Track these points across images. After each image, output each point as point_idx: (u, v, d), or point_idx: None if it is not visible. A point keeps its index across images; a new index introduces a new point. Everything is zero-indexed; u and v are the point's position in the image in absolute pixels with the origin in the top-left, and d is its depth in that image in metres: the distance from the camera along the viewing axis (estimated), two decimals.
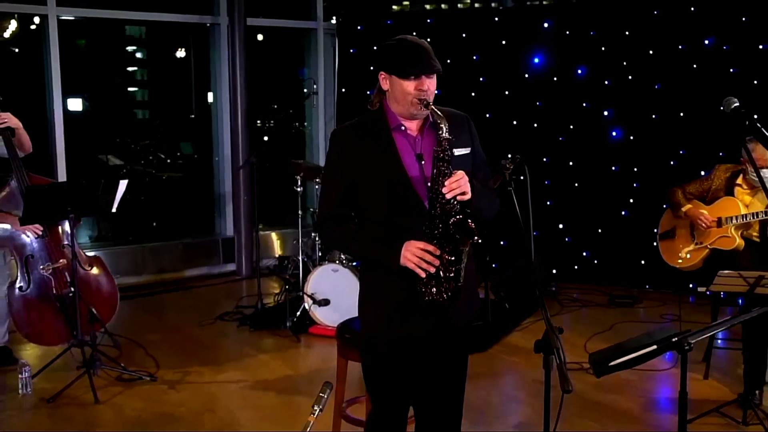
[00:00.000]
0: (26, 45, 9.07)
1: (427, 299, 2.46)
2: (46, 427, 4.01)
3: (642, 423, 4.01)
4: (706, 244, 4.42)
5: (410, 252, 2.40)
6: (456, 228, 2.35)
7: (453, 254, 2.39)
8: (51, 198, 4.41)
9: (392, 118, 2.54)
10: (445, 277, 2.42)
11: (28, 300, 4.70)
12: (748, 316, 2.40)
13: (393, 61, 2.48)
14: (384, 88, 2.54)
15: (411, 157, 2.51)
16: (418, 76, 2.43)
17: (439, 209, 2.41)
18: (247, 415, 4.11)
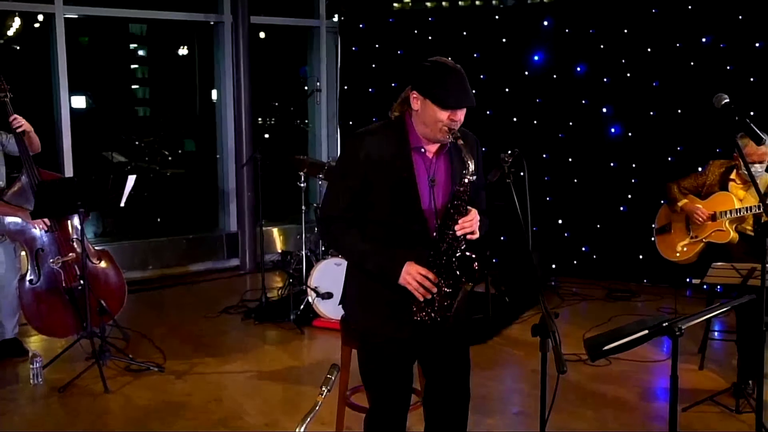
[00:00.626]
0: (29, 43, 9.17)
1: (416, 318, 2.56)
2: (58, 416, 4.11)
3: (638, 411, 4.11)
4: (702, 238, 4.52)
5: (411, 275, 2.49)
6: (459, 264, 2.46)
7: (451, 288, 2.50)
8: (61, 192, 4.52)
9: (413, 138, 2.58)
10: (439, 306, 2.53)
11: (38, 293, 4.81)
12: (735, 302, 2.50)
13: (432, 88, 2.49)
14: (414, 107, 2.56)
15: (425, 182, 2.58)
16: (455, 109, 2.48)
17: (446, 243, 2.51)
18: (253, 403, 4.22)
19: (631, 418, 4.03)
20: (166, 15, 7.49)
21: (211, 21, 7.54)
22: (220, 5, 7.42)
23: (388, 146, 2.57)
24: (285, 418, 3.95)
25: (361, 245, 2.60)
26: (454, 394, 2.79)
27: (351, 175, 2.60)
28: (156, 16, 7.54)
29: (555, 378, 2.36)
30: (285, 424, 3.89)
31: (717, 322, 5.39)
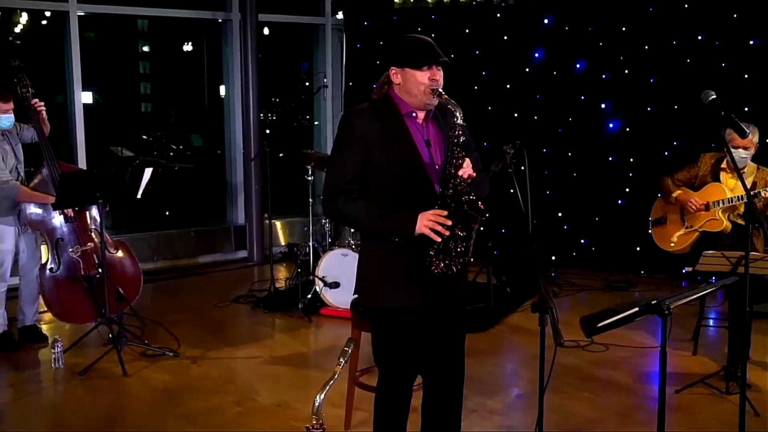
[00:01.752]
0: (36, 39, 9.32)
1: (435, 272, 2.70)
2: (80, 397, 4.31)
3: (633, 393, 4.30)
4: (696, 227, 4.70)
5: (426, 219, 2.61)
6: (469, 205, 2.60)
7: (464, 230, 2.66)
8: (82, 184, 4.72)
9: (402, 106, 2.78)
10: (456, 251, 2.68)
11: (58, 281, 5.00)
12: (720, 283, 2.70)
13: (406, 55, 2.72)
14: (396, 81, 2.76)
15: (422, 143, 2.77)
16: (431, 66, 2.70)
17: (451, 189, 2.67)
18: (265, 385, 4.42)
19: (626, 399, 4.23)
20: (176, 13, 7.68)
21: (220, 19, 7.73)
22: (228, 3, 7.60)
23: (382, 117, 2.75)
24: (295, 399, 4.15)
25: (369, 209, 2.71)
26: (450, 369, 2.96)
27: (352, 147, 2.74)
28: (166, 14, 7.72)
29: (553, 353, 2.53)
30: (295, 404, 4.09)
31: (711, 311, 5.57)
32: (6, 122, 4.76)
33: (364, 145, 2.72)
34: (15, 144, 4.91)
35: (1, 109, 4.71)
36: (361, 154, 2.72)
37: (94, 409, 4.14)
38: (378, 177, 2.75)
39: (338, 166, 2.79)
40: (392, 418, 2.98)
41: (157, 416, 4.02)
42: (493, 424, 3.88)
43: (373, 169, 2.74)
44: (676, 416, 4.05)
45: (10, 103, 4.73)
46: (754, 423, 3.84)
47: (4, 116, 4.73)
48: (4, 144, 4.83)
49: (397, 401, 2.97)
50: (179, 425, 3.91)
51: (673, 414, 4.09)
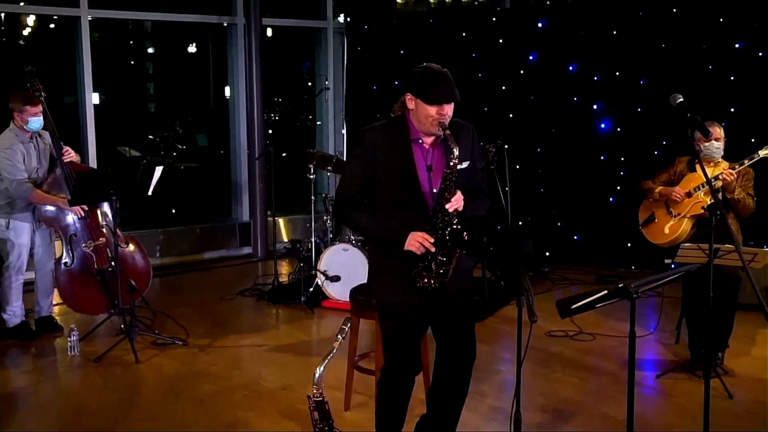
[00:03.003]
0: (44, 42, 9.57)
1: (418, 285, 3.00)
2: (96, 382, 4.58)
3: (617, 378, 4.54)
4: (684, 214, 4.92)
5: (414, 236, 2.95)
6: (451, 236, 2.92)
7: (445, 257, 2.96)
8: (96, 182, 4.99)
9: (413, 131, 3.05)
10: (436, 272, 2.98)
11: (73, 274, 5.26)
12: (683, 270, 2.95)
13: (420, 88, 2.95)
14: (410, 107, 3.03)
15: (423, 168, 3.04)
16: (441, 104, 2.94)
17: (440, 219, 2.96)
18: (270, 371, 4.68)
19: (611, 384, 4.47)
20: (183, 17, 7.94)
21: (225, 22, 7.99)
22: (233, 8, 7.86)
23: (392, 139, 3.04)
24: (299, 383, 4.41)
25: (372, 221, 3.06)
26: (460, 352, 3.20)
27: (361, 163, 3.07)
28: (174, 18, 7.98)
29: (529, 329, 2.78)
30: (299, 387, 4.34)
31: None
32: (35, 124, 5.02)
33: (372, 163, 3.04)
34: (42, 149, 5.17)
35: (31, 112, 4.97)
36: (369, 169, 3.05)
37: (109, 393, 4.41)
38: (381, 192, 3.08)
39: (348, 178, 3.14)
40: (392, 407, 3.24)
41: (169, 399, 4.28)
42: (484, 405, 4.14)
43: (379, 184, 3.06)
44: (657, 399, 4.32)
45: (38, 107, 4.99)
46: (727, 404, 4.10)
47: (34, 119, 4.99)
48: (30, 146, 5.09)
49: (397, 390, 3.22)
50: (190, 406, 4.17)
51: (654, 397, 4.36)
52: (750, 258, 4.10)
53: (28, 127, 5.02)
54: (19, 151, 5.00)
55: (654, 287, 2.90)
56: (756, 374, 4.55)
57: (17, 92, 5.05)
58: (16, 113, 5.01)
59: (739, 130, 6.23)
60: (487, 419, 3.98)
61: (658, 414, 4.12)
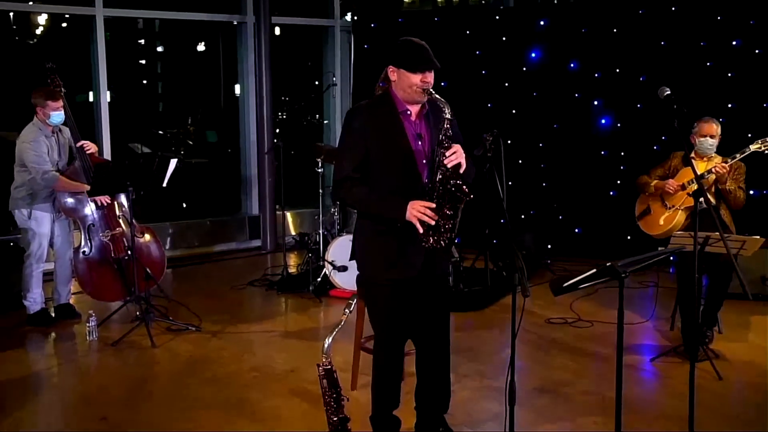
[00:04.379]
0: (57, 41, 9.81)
1: (426, 246, 3.11)
2: (114, 364, 4.80)
3: (612, 361, 4.69)
4: (678, 206, 5.11)
5: (414, 209, 3.04)
6: (456, 188, 3.02)
7: (452, 209, 3.09)
8: (114, 174, 5.21)
9: (399, 104, 3.21)
10: (444, 228, 3.11)
11: (91, 262, 5.49)
12: (668, 251, 3.14)
13: (402, 59, 3.14)
14: (392, 78, 3.20)
15: (414, 137, 3.20)
16: (423, 71, 3.13)
17: (440, 175, 3.09)
18: (280, 355, 4.89)
19: (604, 366, 4.66)
20: (194, 16, 8.17)
21: (235, 21, 8.20)
22: (243, 6, 8.07)
23: (380, 115, 3.19)
24: (307, 366, 4.61)
25: (370, 196, 3.16)
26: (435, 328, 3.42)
27: (354, 141, 3.19)
28: (185, 17, 8.21)
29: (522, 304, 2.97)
30: (307, 369, 4.55)
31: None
32: (57, 119, 5.25)
33: (364, 139, 3.17)
34: (62, 143, 5.40)
35: (53, 107, 5.20)
36: (362, 146, 3.17)
37: (127, 374, 4.63)
38: (375, 166, 3.20)
39: (343, 157, 3.25)
40: (387, 373, 3.44)
41: (184, 380, 4.50)
42: (482, 385, 4.34)
43: (372, 159, 3.19)
44: (651, 381, 4.52)
45: (60, 102, 5.23)
46: (716, 385, 4.29)
47: (55, 113, 5.22)
48: (52, 140, 5.32)
49: (389, 358, 3.42)
50: (203, 386, 4.38)
51: (649, 379, 4.55)
52: (739, 245, 4.28)
53: (50, 122, 5.25)
54: (43, 143, 5.23)
55: (641, 267, 3.09)
56: (746, 358, 4.73)
57: (39, 88, 5.28)
58: (39, 108, 5.24)
59: (736, 126, 6.39)
60: (485, 397, 4.18)
61: (652, 394, 4.33)
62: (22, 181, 5.31)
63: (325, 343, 2.71)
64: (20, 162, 5.29)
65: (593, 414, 3.96)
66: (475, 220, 5.88)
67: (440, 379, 3.52)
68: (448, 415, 3.64)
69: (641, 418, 3.91)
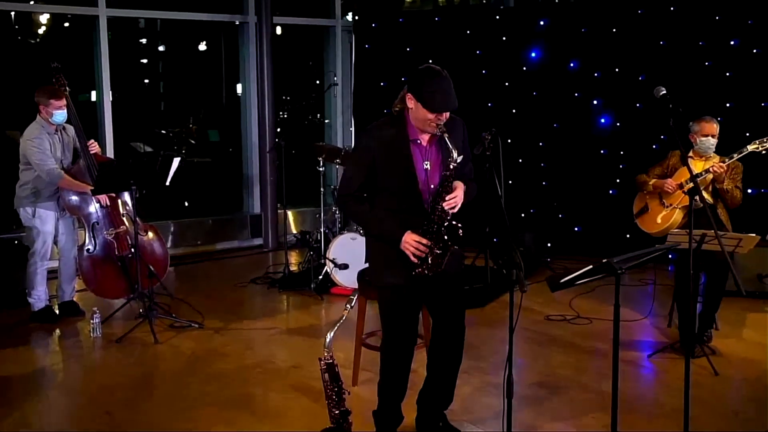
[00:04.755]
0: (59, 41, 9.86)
1: (414, 273, 3.25)
2: (119, 360, 4.86)
3: (610, 358, 4.76)
4: (675, 205, 5.16)
5: (408, 242, 3.19)
6: (447, 232, 3.17)
7: (441, 249, 3.20)
8: (118, 172, 5.27)
9: (411, 130, 3.27)
10: (432, 263, 3.23)
11: (95, 260, 5.55)
12: (664, 248, 3.19)
13: (422, 93, 3.13)
14: (409, 105, 3.23)
15: (421, 165, 3.27)
16: (441, 113, 3.16)
17: (437, 216, 3.21)
18: (281, 352, 4.95)
19: (605, 364, 4.70)
20: (196, 16, 8.22)
21: (237, 21, 8.26)
22: (245, 7, 8.13)
23: (392, 139, 3.26)
24: (309, 362, 4.66)
25: (371, 216, 3.31)
26: (452, 328, 3.48)
27: (362, 162, 3.31)
28: (187, 17, 8.26)
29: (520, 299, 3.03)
30: (309, 365, 4.60)
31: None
32: (59, 117, 5.31)
33: (372, 162, 3.27)
34: (66, 142, 5.46)
35: (55, 105, 5.26)
36: (369, 167, 3.28)
37: (131, 370, 4.69)
38: (381, 185, 3.31)
39: (350, 175, 3.38)
40: (395, 370, 3.51)
41: (188, 375, 4.55)
42: (482, 381, 4.40)
43: (378, 178, 3.30)
44: (648, 376, 4.58)
45: (63, 101, 5.28)
46: (713, 381, 4.34)
47: (58, 112, 5.28)
48: (55, 137, 5.37)
49: (397, 356, 3.49)
50: (207, 382, 4.44)
51: (645, 374, 4.60)
52: (735, 243, 4.33)
53: (53, 120, 5.30)
54: (47, 141, 5.29)
55: (636, 264, 3.13)
56: (742, 355, 4.79)
57: (43, 86, 5.33)
58: (42, 106, 5.29)
59: (734, 125, 6.45)
60: (485, 393, 4.24)
61: (649, 390, 4.38)
62: (27, 180, 5.37)
63: (327, 338, 2.77)
64: (25, 160, 5.35)
65: (591, 409, 4.01)
66: (475, 219, 5.93)
67: (448, 377, 3.58)
68: (448, 410, 3.70)
69: (638, 413, 3.97)
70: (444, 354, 3.52)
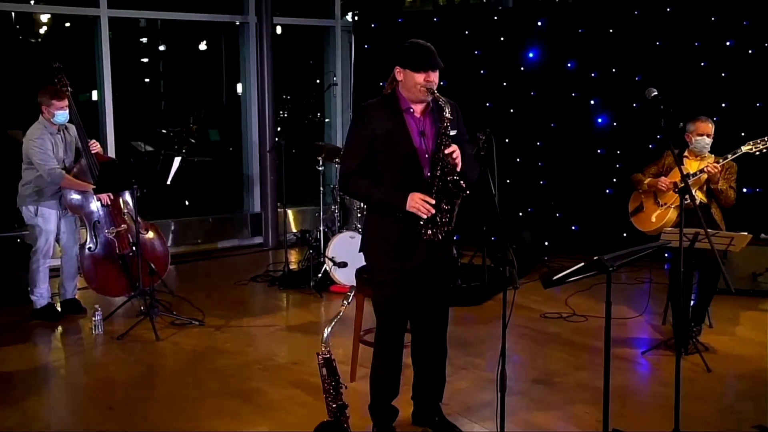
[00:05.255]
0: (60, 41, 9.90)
1: (424, 238, 3.29)
2: (120, 357, 4.93)
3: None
4: (670, 204, 5.23)
5: (414, 200, 3.21)
6: (453, 184, 3.20)
7: (449, 204, 3.25)
8: (119, 171, 5.33)
9: (403, 102, 3.37)
10: (441, 222, 3.27)
11: (96, 258, 5.62)
12: (655, 245, 3.26)
13: (408, 59, 3.30)
14: (398, 78, 3.36)
15: (416, 134, 3.35)
16: (426, 71, 3.27)
17: (439, 171, 3.25)
18: (282, 348, 5.02)
19: (600, 360, 4.68)
20: (197, 16, 8.29)
21: (237, 21, 8.32)
22: (245, 7, 8.20)
23: (386, 112, 3.35)
24: (309, 358, 4.72)
25: (374, 188, 3.34)
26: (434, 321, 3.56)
27: (360, 137, 3.37)
28: (188, 17, 8.33)
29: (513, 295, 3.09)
30: (309, 362, 4.66)
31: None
32: (61, 117, 5.37)
33: (370, 136, 3.34)
34: (69, 141, 5.52)
35: (57, 106, 5.33)
36: (368, 142, 3.34)
37: (133, 366, 4.75)
38: (380, 161, 3.37)
39: (350, 153, 3.44)
40: (387, 362, 3.57)
41: (189, 371, 4.62)
42: (478, 376, 4.47)
43: (377, 154, 3.35)
44: (642, 372, 4.64)
45: (64, 101, 5.35)
46: (705, 376, 4.41)
47: (60, 112, 5.35)
48: (57, 137, 5.44)
49: (390, 347, 3.55)
50: (207, 377, 4.51)
51: (639, 370, 4.67)
52: (728, 242, 4.40)
53: (54, 120, 5.37)
54: (48, 141, 5.35)
55: (627, 261, 3.20)
56: (735, 351, 4.86)
57: (45, 87, 5.40)
58: (44, 107, 5.36)
59: (730, 125, 6.51)
60: (481, 388, 4.31)
61: (643, 384, 4.47)
62: (30, 179, 5.44)
63: (325, 333, 2.83)
64: (27, 159, 5.42)
65: (585, 403, 4.08)
66: (472, 218, 6.00)
67: (435, 369, 3.64)
68: (444, 404, 3.77)
69: (632, 407, 4.04)
70: (427, 340, 3.60)
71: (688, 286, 4.82)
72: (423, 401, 3.70)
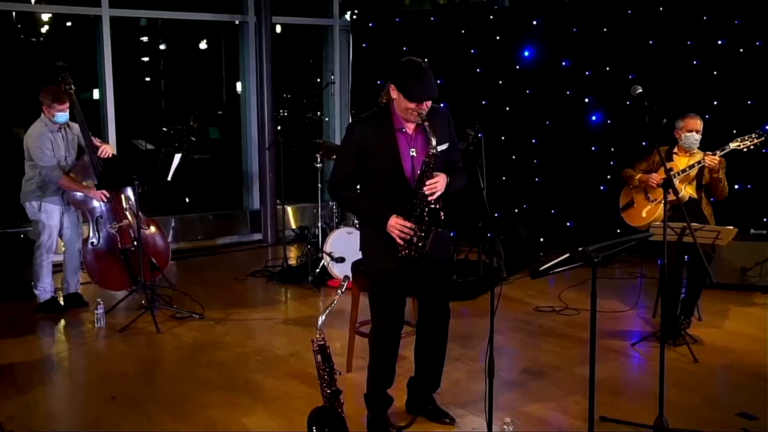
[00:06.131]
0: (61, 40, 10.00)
1: (400, 254, 3.43)
2: (122, 349, 5.04)
3: (597, 346, 4.94)
4: (659, 200, 5.34)
5: (393, 225, 3.37)
6: (429, 216, 3.35)
7: (424, 232, 3.39)
8: (121, 168, 5.45)
9: (397, 120, 3.44)
10: (416, 246, 3.41)
11: (98, 253, 5.73)
12: (639, 236, 3.37)
13: (403, 84, 3.30)
14: (392, 96, 3.40)
15: (407, 152, 3.44)
16: (420, 102, 3.31)
17: (419, 199, 3.38)
18: (280, 341, 5.13)
19: (587, 348, 4.88)
20: (197, 16, 8.39)
21: (237, 21, 8.43)
22: (245, 7, 8.30)
23: (378, 129, 3.44)
24: (307, 351, 4.75)
25: (360, 203, 3.50)
26: (437, 314, 3.69)
27: (350, 151, 3.48)
28: (188, 17, 8.44)
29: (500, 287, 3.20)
30: (307, 354, 4.72)
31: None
32: (61, 118, 5.49)
33: (360, 151, 3.44)
34: (70, 139, 5.63)
35: (58, 108, 5.44)
36: (357, 157, 3.45)
37: (135, 358, 4.87)
38: (370, 176, 3.49)
39: (339, 165, 3.56)
40: (382, 356, 3.69)
41: (190, 363, 4.74)
42: (471, 368, 4.59)
43: (367, 167, 3.47)
44: (631, 363, 4.75)
45: (65, 104, 5.46)
46: (692, 367, 4.53)
47: (60, 114, 5.46)
48: (57, 135, 5.55)
49: (385, 342, 3.67)
50: (207, 369, 4.62)
51: (629, 361, 4.78)
52: (714, 236, 4.51)
53: (55, 120, 5.48)
54: (48, 139, 5.46)
55: (612, 253, 3.31)
56: (722, 344, 4.97)
57: (48, 88, 5.50)
58: (45, 107, 5.47)
59: (722, 122, 6.63)
60: (474, 379, 4.42)
61: (632, 375, 4.59)
62: (32, 175, 5.55)
63: (319, 321, 2.94)
64: (29, 156, 5.53)
65: (575, 393, 4.20)
66: (467, 214, 6.11)
67: (435, 365, 3.77)
68: (437, 394, 3.89)
69: (621, 396, 4.15)
70: (429, 338, 3.73)
71: (678, 279, 4.93)
72: (418, 391, 3.82)
